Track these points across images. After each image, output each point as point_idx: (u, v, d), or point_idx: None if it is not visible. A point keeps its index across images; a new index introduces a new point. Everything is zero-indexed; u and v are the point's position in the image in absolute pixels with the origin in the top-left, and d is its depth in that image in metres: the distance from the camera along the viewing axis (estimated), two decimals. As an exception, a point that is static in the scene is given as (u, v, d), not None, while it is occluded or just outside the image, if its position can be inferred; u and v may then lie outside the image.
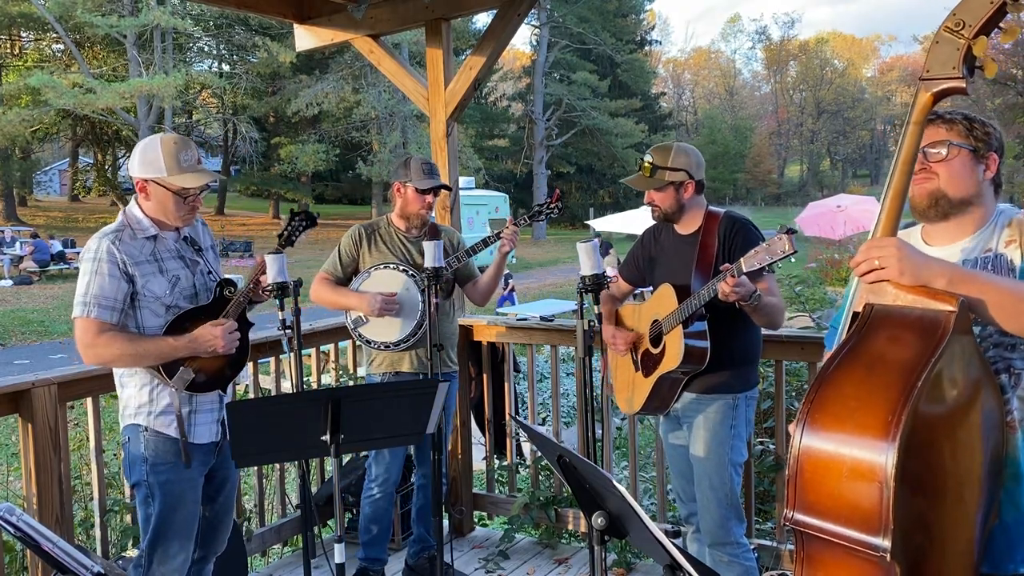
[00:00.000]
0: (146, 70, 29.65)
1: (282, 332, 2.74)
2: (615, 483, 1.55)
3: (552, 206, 3.38)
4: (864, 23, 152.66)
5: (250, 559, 3.68)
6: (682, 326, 2.73)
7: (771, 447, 3.66)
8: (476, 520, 4.47)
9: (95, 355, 2.50)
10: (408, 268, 3.47)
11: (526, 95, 44.16)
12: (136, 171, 2.56)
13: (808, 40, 75.86)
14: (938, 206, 1.82)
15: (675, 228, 2.96)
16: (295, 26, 4.32)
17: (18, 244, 22.75)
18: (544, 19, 39.35)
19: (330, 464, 2.93)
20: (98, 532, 3.23)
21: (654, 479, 4.17)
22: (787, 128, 72.82)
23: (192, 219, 2.68)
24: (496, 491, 4.37)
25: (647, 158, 2.87)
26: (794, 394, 4.34)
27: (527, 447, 4.39)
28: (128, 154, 37.85)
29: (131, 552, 3.04)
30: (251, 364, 3.78)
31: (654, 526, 1.47)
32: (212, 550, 2.82)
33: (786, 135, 72.93)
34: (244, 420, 2.26)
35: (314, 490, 3.99)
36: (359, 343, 3.60)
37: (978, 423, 1.61)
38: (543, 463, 4.13)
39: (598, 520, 1.68)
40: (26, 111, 28.57)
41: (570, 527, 4.04)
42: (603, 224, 23.47)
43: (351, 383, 4.27)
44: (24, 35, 36.14)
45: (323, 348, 4.27)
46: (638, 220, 20.74)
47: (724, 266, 2.52)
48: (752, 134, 65.91)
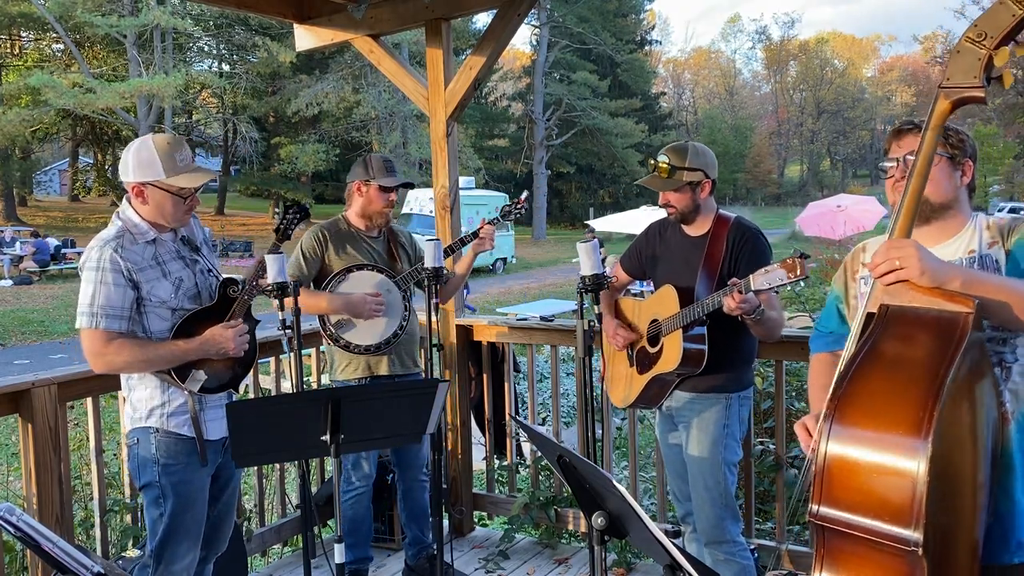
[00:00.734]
0: (146, 70, 29.64)
1: (282, 332, 2.74)
2: (615, 483, 1.55)
3: (520, 206, 3.55)
4: (864, 23, 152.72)
5: (250, 559, 3.68)
6: (682, 331, 2.73)
7: (771, 447, 3.66)
8: (476, 520, 4.47)
9: (106, 363, 2.48)
10: (385, 269, 3.46)
11: (526, 95, 44.15)
12: (131, 175, 2.50)
13: (808, 40, 75.99)
14: (921, 211, 1.86)
15: (684, 228, 2.95)
16: (295, 26, 4.31)
17: (18, 244, 22.74)
18: (544, 19, 39.32)
19: (330, 464, 2.93)
20: (98, 532, 3.23)
21: (654, 479, 4.17)
22: (787, 128, 72.82)
23: (188, 219, 2.66)
24: (496, 491, 4.37)
25: (663, 159, 2.85)
26: (794, 394, 4.34)
27: (527, 447, 4.39)
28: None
29: (131, 552, 3.04)
30: (256, 355, 3.77)
31: (654, 526, 1.47)
32: (214, 550, 2.82)
33: (786, 135, 72.92)
34: (244, 420, 2.25)
35: (314, 490, 3.99)
36: (337, 348, 3.44)
37: (983, 416, 1.65)
38: (543, 463, 4.13)
39: (598, 520, 1.68)
40: (26, 111, 28.56)
41: (570, 527, 4.04)
42: (603, 224, 23.44)
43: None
44: (24, 35, 36.13)
45: (323, 348, 4.26)
46: (638, 220, 20.75)
47: (732, 281, 2.52)
48: (752, 134, 65.96)
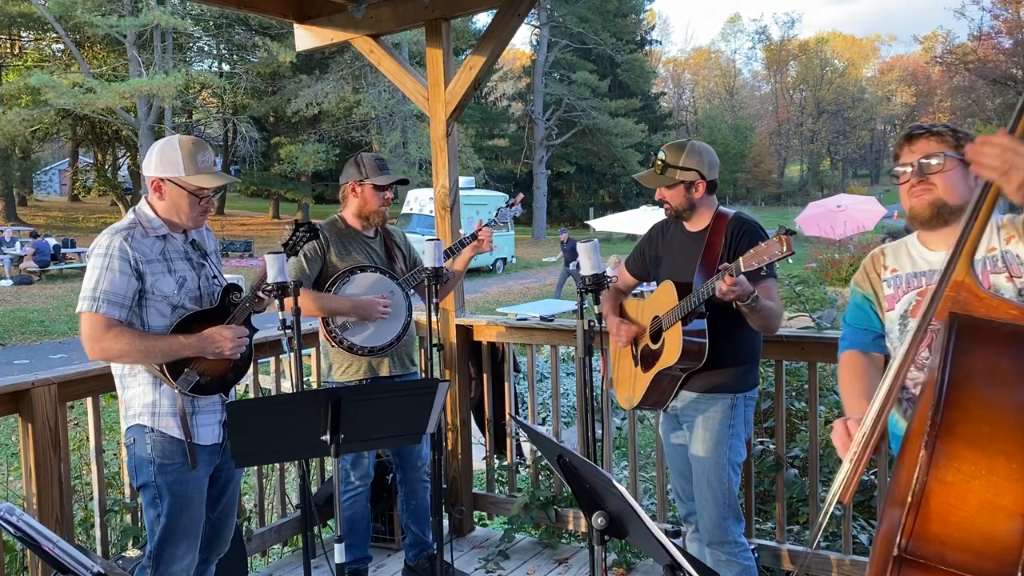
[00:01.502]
0: (146, 70, 29.64)
1: (282, 332, 2.74)
2: (615, 483, 1.55)
3: (514, 206, 3.65)
4: (864, 23, 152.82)
5: (250, 559, 3.68)
6: (681, 323, 2.74)
7: (771, 447, 3.66)
8: (476, 520, 4.47)
9: (101, 349, 2.48)
10: (387, 270, 3.47)
11: (526, 95, 44.15)
12: (152, 170, 2.57)
13: (808, 40, 75.90)
14: (940, 214, 1.90)
15: (684, 225, 2.97)
16: (295, 26, 4.31)
17: (18, 244, 22.74)
18: (544, 19, 39.33)
19: (330, 464, 2.93)
20: (98, 532, 3.23)
21: (654, 479, 4.17)
22: (787, 128, 72.81)
23: (203, 221, 2.69)
24: (496, 491, 4.36)
25: (660, 155, 2.87)
26: (794, 394, 4.33)
27: (527, 447, 4.39)
28: (128, 154, 37.94)
29: (131, 552, 3.04)
30: (251, 364, 3.78)
31: (654, 526, 1.47)
32: (216, 551, 2.82)
33: (786, 135, 72.91)
34: (244, 420, 2.26)
35: (314, 490, 3.99)
36: (339, 349, 3.40)
37: None
38: (543, 463, 4.13)
39: (598, 520, 1.68)
40: (26, 111, 28.58)
41: (570, 527, 4.04)
42: (603, 224, 23.44)
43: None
44: (24, 35, 36.14)
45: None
46: (638, 220, 20.76)
47: (723, 265, 2.53)
48: (752, 134, 65.94)
